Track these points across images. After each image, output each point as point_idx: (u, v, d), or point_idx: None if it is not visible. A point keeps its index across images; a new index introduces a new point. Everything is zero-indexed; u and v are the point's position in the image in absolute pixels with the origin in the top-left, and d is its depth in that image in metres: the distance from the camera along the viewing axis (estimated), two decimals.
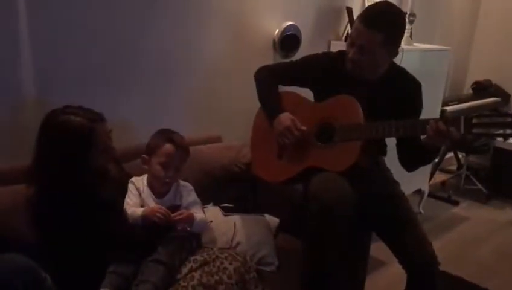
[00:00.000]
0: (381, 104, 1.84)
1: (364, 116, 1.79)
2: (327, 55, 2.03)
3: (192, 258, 1.68)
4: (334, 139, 1.84)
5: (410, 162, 1.92)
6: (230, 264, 1.67)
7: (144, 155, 1.80)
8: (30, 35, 1.85)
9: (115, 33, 2.10)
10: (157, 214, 1.65)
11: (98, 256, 1.60)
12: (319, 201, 1.71)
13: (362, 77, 1.86)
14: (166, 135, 1.79)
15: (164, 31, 2.27)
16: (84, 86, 2.04)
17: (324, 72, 1.95)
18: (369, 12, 1.81)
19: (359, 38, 1.78)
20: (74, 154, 1.59)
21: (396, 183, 2.04)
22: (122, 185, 1.81)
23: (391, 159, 2.04)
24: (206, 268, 1.64)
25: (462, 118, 1.62)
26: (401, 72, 1.93)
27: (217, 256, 1.69)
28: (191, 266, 1.64)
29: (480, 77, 4.40)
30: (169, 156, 1.74)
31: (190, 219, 1.73)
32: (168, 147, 1.74)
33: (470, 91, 4.42)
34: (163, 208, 1.68)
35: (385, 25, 1.75)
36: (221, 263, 1.67)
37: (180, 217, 1.70)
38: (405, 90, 1.89)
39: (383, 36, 1.74)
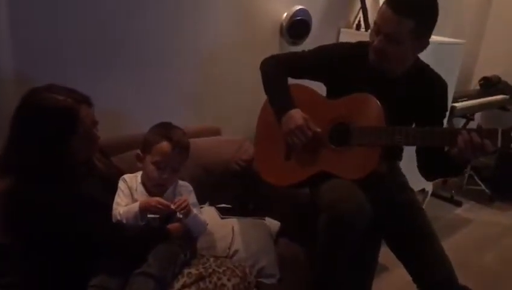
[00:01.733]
0: (403, 104, 1.66)
1: (385, 118, 1.59)
2: (345, 45, 1.82)
3: (186, 271, 1.50)
4: (350, 142, 1.65)
5: (431, 173, 1.75)
6: (229, 280, 1.50)
7: (138, 151, 1.60)
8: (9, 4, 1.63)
9: (109, 11, 1.88)
10: (155, 205, 1.48)
11: (78, 266, 1.42)
12: (332, 213, 1.53)
13: (384, 72, 1.67)
14: (164, 130, 1.58)
15: (161, 13, 2.05)
16: (70, 67, 1.83)
17: (341, 65, 1.74)
18: None
19: (386, 25, 1.58)
20: (53, 138, 1.40)
21: (412, 191, 1.86)
22: (110, 181, 1.61)
23: None
24: (201, 284, 1.47)
25: (500, 130, 1.43)
26: (426, 70, 1.74)
27: (213, 270, 1.52)
28: (185, 281, 1.46)
29: (488, 73, 4.23)
30: (165, 155, 1.54)
31: (188, 208, 1.55)
32: (164, 145, 1.54)
33: (477, 87, 4.26)
34: (157, 198, 1.50)
35: (416, 10, 1.55)
36: (219, 278, 1.49)
37: (180, 204, 1.51)
38: (430, 90, 1.70)
39: (414, 23, 1.54)
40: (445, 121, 1.79)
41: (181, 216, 1.55)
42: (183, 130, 1.64)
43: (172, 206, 1.50)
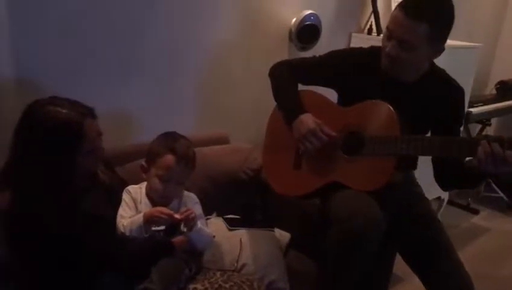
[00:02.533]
0: (418, 110, 1.59)
1: (400, 128, 1.52)
2: (358, 51, 1.75)
3: (191, 287, 1.44)
4: (363, 151, 1.58)
5: (448, 184, 1.67)
6: None
7: (143, 162, 1.55)
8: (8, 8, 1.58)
9: (115, 18, 1.85)
10: (158, 214, 1.42)
11: (80, 282, 1.37)
12: (345, 226, 1.46)
13: (398, 78, 1.60)
14: (168, 142, 1.53)
15: (170, 20, 2.02)
16: (72, 74, 1.79)
17: (353, 71, 1.68)
18: (412, 0, 1.52)
19: (399, 30, 1.51)
20: (58, 153, 1.35)
21: (427, 201, 1.79)
22: (114, 193, 1.56)
23: None
24: None
25: None
26: (442, 75, 1.67)
27: (220, 285, 1.45)
28: None
29: (504, 77, 4.13)
30: (169, 169, 1.49)
31: (194, 221, 1.48)
32: (169, 158, 1.49)
33: (494, 91, 4.15)
34: (160, 207, 1.45)
35: (431, 14, 1.48)
36: None
37: (187, 215, 1.45)
38: (446, 96, 1.63)
39: (428, 29, 1.47)
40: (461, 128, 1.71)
41: (185, 230, 1.49)
42: (189, 140, 1.58)
43: (177, 216, 1.45)
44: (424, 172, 1.81)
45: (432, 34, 1.48)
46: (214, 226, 1.75)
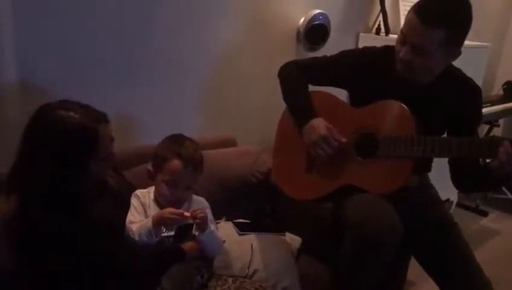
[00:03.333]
0: (434, 111, 1.55)
1: (416, 127, 1.48)
2: (370, 51, 1.70)
3: None
4: (377, 154, 1.53)
5: (467, 186, 1.64)
6: None
7: (149, 167, 1.51)
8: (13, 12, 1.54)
9: (120, 20, 1.81)
10: (168, 215, 1.38)
11: (90, 288, 1.33)
12: (361, 231, 1.42)
13: (412, 80, 1.55)
14: (174, 146, 1.48)
15: (176, 21, 1.98)
16: (79, 78, 1.75)
17: (367, 72, 1.63)
18: (427, 3, 1.46)
19: (413, 36, 1.46)
20: (70, 160, 1.30)
21: (442, 204, 1.76)
22: (122, 198, 1.52)
23: None
24: None
25: None
26: (459, 75, 1.62)
27: None
28: None
29: None
30: (176, 174, 1.45)
31: (205, 221, 1.44)
32: (176, 163, 1.44)
33: (501, 92, 4.11)
34: (169, 209, 1.40)
35: (447, 19, 1.42)
36: None
37: (197, 213, 1.41)
38: (463, 96, 1.58)
39: (444, 34, 1.42)
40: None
41: (197, 233, 1.45)
42: (195, 142, 1.54)
43: (187, 214, 1.40)
44: (433, 174, 1.77)
45: (447, 40, 1.43)
46: (224, 231, 1.70)
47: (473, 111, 1.60)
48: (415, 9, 1.46)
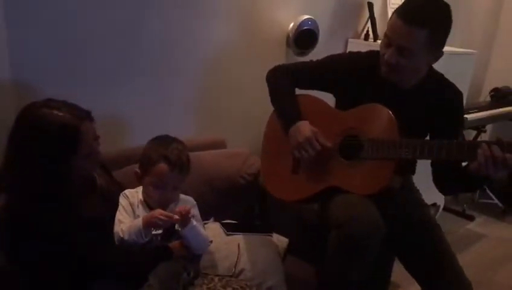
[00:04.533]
0: (417, 115, 1.58)
1: (399, 130, 1.51)
2: (355, 55, 1.75)
3: None
4: (361, 155, 1.57)
5: (448, 188, 1.67)
6: None
7: (136, 169, 1.53)
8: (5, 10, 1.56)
9: (110, 21, 1.83)
10: (158, 216, 1.39)
11: (77, 286, 1.36)
12: (344, 231, 1.45)
13: (397, 83, 1.59)
14: (160, 149, 1.49)
15: (166, 24, 2.00)
16: (71, 77, 1.77)
17: (352, 75, 1.67)
18: (409, 6, 1.51)
19: (398, 38, 1.50)
20: (54, 157, 1.33)
21: (426, 207, 1.79)
22: (111, 197, 1.54)
23: None
24: None
25: None
26: (440, 79, 1.66)
27: None
28: None
29: (499, 84, 4.15)
30: (163, 177, 1.46)
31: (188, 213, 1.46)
32: (162, 167, 1.46)
33: (488, 98, 4.17)
34: (159, 210, 1.42)
35: (429, 19, 1.47)
36: None
37: (182, 212, 1.42)
38: (445, 100, 1.62)
39: (427, 34, 1.46)
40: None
41: (179, 228, 1.47)
42: (182, 143, 1.56)
43: (176, 217, 1.42)
44: (420, 178, 1.80)
45: (431, 40, 1.48)
46: (212, 231, 1.73)
47: (456, 114, 1.64)
48: (398, 12, 1.50)
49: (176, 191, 1.52)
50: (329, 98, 1.80)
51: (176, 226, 1.47)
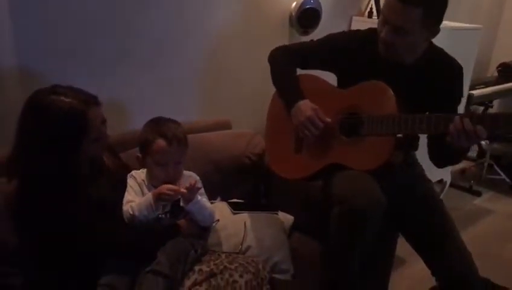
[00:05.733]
0: (417, 91, 1.59)
1: (397, 106, 1.53)
2: (355, 33, 1.76)
3: (197, 268, 1.46)
4: (362, 132, 1.59)
5: (438, 160, 1.69)
6: (241, 276, 1.45)
7: (137, 153, 1.57)
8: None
9: (114, 7, 1.85)
10: (166, 191, 1.45)
11: (87, 265, 1.40)
12: (346, 206, 1.47)
13: (396, 60, 1.60)
14: (156, 128, 1.54)
15: (167, 6, 2.01)
16: (75, 62, 1.80)
17: (352, 54, 1.68)
18: None
19: (393, 16, 1.51)
20: (64, 142, 1.36)
21: (429, 183, 1.80)
22: (119, 179, 1.58)
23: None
24: (212, 281, 1.43)
25: (502, 117, 1.35)
26: (440, 54, 1.66)
27: (225, 267, 1.48)
28: (196, 279, 1.43)
29: (506, 59, 4.11)
30: (164, 152, 1.50)
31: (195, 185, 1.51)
32: (160, 142, 1.50)
33: (495, 73, 4.14)
34: (167, 185, 1.47)
35: None
36: (231, 275, 1.45)
37: (190, 186, 1.47)
38: (445, 74, 1.62)
39: (422, 12, 1.46)
40: (461, 107, 1.71)
41: (183, 204, 1.52)
42: (176, 121, 1.59)
43: (183, 190, 1.47)
44: (426, 154, 1.81)
45: (426, 18, 1.48)
46: (218, 211, 1.77)
47: (454, 88, 1.65)
48: None
49: (178, 166, 1.55)
50: (331, 77, 1.81)
51: (181, 203, 1.52)
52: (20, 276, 1.44)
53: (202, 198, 1.58)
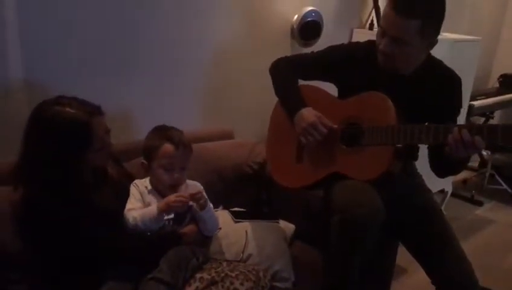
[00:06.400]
0: (416, 101, 1.61)
1: (397, 117, 1.56)
2: (355, 45, 1.79)
3: (198, 276, 1.48)
4: (362, 142, 1.62)
5: (439, 170, 1.70)
6: (242, 284, 1.47)
7: (142, 160, 1.60)
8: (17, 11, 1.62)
9: (118, 18, 1.89)
10: (175, 204, 1.48)
11: (91, 272, 1.41)
12: (346, 215, 1.49)
13: (395, 71, 1.63)
14: (161, 133, 1.58)
15: (171, 17, 2.05)
16: (80, 73, 1.83)
17: (351, 65, 1.71)
18: None
19: (391, 28, 1.54)
20: (68, 152, 1.39)
21: (429, 193, 1.82)
22: (123, 188, 1.61)
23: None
24: (213, 289, 1.44)
25: (500, 128, 1.37)
26: (439, 66, 1.69)
27: (226, 274, 1.49)
28: (197, 286, 1.45)
29: (507, 70, 4.14)
30: (171, 156, 1.54)
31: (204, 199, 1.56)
32: (167, 147, 1.54)
33: (496, 84, 4.16)
34: (175, 194, 1.50)
35: (421, 10, 1.49)
36: (231, 282, 1.47)
37: (195, 194, 1.52)
38: (443, 86, 1.65)
39: (420, 24, 1.49)
40: (461, 118, 1.74)
41: (198, 209, 1.55)
42: (178, 129, 1.63)
43: (191, 202, 1.52)
44: (427, 164, 1.83)
45: (424, 29, 1.50)
46: (220, 219, 1.78)
47: (453, 100, 1.67)
48: (390, 3, 1.53)
49: (183, 172, 1.58)
50: (332, 88, 1.84)
51: (194, 206, 1.55)
52: (23, 282, 1.45)
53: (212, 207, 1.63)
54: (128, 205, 1.54)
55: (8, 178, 1.43)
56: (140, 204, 1.56)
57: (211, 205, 1.61)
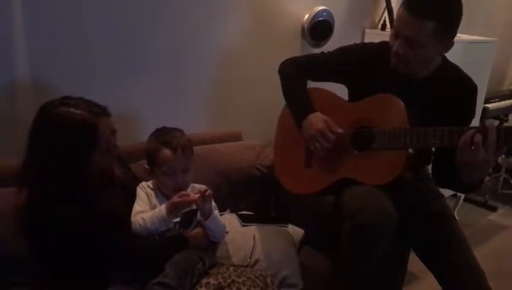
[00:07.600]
0: (428, 106, 1.57)
1: (408, 120, 1.51)
2: (368, 46, 1.75)
3: (204, 281, 1.45)
4: (373, 146, 1.57)
5: (441, 180, 1.66)
6: None
7: (145, 165, 1.58)
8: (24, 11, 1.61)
9: (125, 20, 1.87)
10: (179, 199, 1.45)
11: (96, 275, 1.39)
12: (356, 221, 1.46)
13: (408, 74, 1.59)
14: (159, 137, 1.55)
15: (179, 17, 2.03)
16: (86, 74, 1.81)
17: (363, 67, 1.67)
18: None
19: (405, 29, 1.49)
20: (74, 153, 1.37)
21: (441, 198, 1.77)
22: (129, 190, 1.58)
23: None
24: None
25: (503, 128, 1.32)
26: (455, 71, 1.64)
27: (233, 280, 1.46)
28: None
29: None
30: (170, 161, 1.51)
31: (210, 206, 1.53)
32: (165, 152, 1.51)
33: (511, 87, 4.10)
34: (180, 193, 1.47)
35: (436, 10, 1.45)
36: (238, 288, 1.43)
37: (202, 191, 1.48)
38: (458, 92, 1.60)
39: (434, 25, 1.45)
40: (475, 121, 1.69)
41: (201, 219, 1.52)
42: (180, 130, 1.60)
43: (194, 195, 1.48)
44: None
45: (438, 31, 1.46)
46: (228, 222, 1.75)
47: (467, 108, 1.62)
48: (405, 4, 1.49)
49: (186, 174, 1.54)
50: (342, 90, 1.80)
51: (198, 216, 1.52)
52: (28, 286, 1.44)
53: (216, 212, 1.59)
54: (136, 208, 1.52)
55: (12, 179, 1.42)
56: (147, 206, 1.53)
57: (217, 213, 1.56)
